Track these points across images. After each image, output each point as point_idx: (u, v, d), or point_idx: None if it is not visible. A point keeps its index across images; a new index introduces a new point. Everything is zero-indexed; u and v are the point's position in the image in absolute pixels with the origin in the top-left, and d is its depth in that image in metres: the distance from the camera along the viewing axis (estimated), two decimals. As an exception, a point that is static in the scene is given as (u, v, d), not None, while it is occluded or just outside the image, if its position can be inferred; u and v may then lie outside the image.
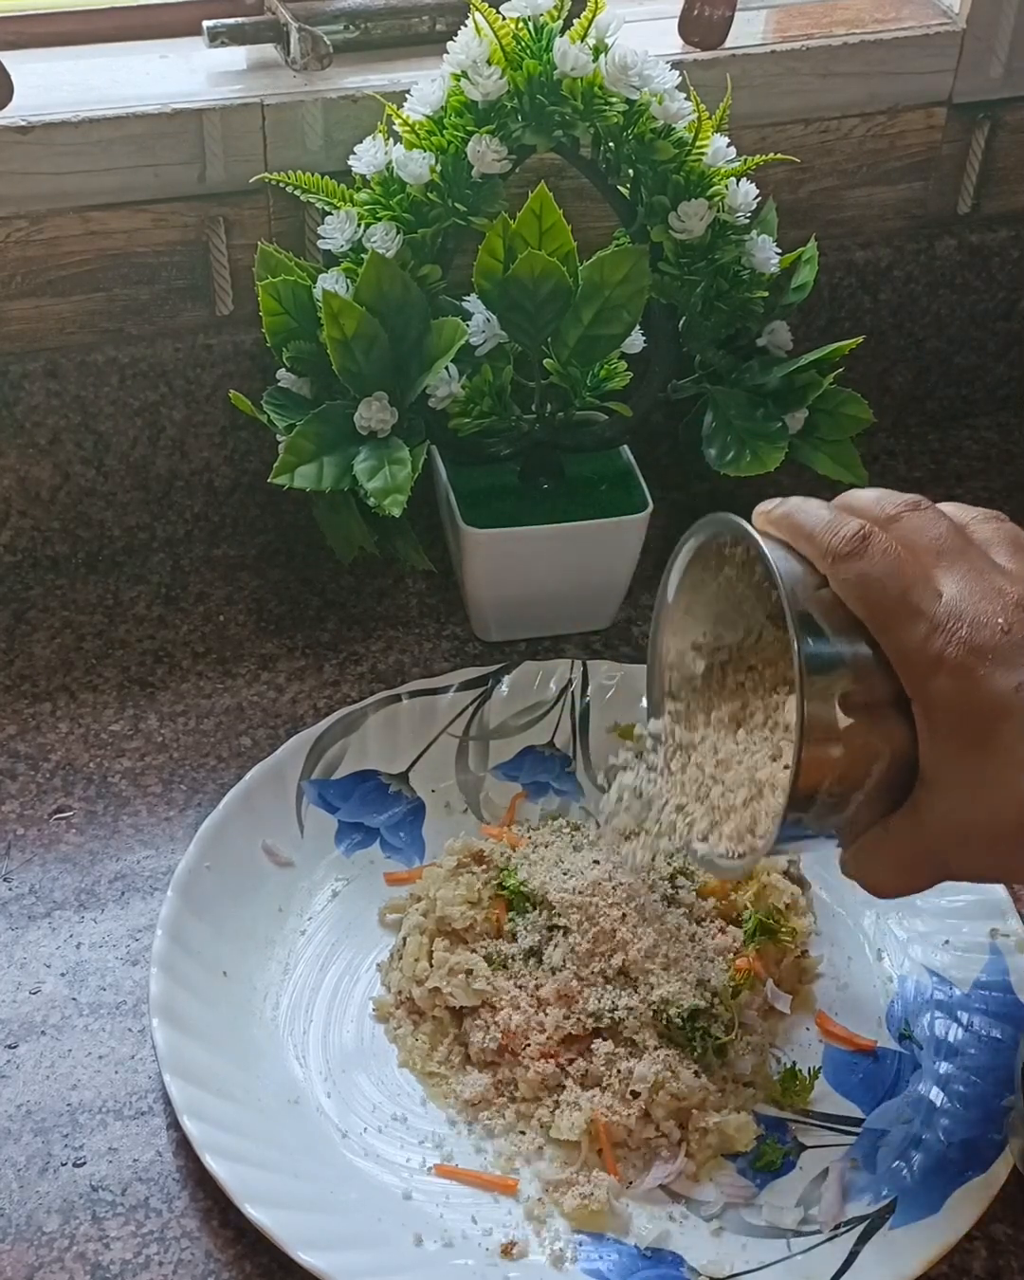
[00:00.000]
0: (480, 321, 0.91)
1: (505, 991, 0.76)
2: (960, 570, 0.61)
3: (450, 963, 0.77)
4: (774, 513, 0.64)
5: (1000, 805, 0.59)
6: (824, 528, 0.62)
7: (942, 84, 1.04)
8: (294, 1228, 0.68)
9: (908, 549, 0.61)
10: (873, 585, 0.60)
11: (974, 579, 0.60)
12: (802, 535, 0.63)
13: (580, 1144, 0.73)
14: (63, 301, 0.96)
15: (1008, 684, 0.58)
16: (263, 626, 0.99)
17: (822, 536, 0.62)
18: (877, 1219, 0.71)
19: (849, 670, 0.60)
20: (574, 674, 0.92)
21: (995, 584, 0.60)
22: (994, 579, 0.61)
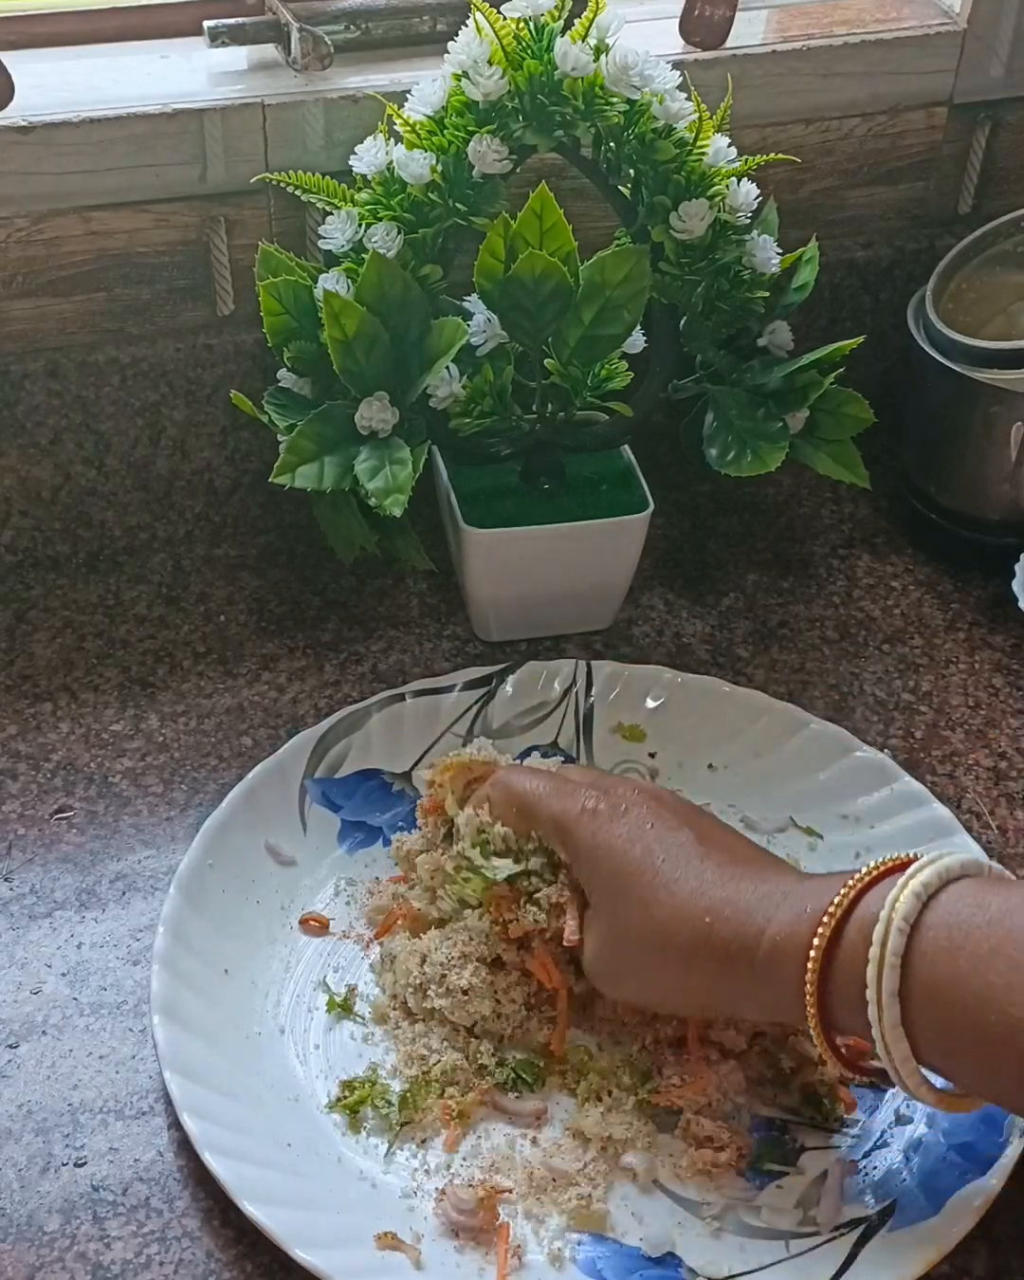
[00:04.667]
0: (481, 321, 0.91)
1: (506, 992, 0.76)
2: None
3: (448, 982, 0.76)
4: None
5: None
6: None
7: (942, 84, 1.04)
8: (293, 1226, 0.68)
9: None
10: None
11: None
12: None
13: (580, 1142, 0.73)
14: (64, 301, 0.96)
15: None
16: (263, 626, 0.99)
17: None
18: (876, 1221, 0.70)
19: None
20: (578, 674, 0.92)
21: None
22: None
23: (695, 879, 0.71)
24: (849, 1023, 0.66)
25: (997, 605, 1.02)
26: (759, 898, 0.69)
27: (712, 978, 0.70)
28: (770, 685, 0.96)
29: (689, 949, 0.70)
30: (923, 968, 0.63)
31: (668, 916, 0.70)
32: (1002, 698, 0.97)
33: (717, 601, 1.02)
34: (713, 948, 0.69)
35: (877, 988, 0.63)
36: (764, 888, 0.70)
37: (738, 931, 0.68)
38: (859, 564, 1.06)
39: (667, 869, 0.71)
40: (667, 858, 0.72)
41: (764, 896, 0.69)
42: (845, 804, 0.88)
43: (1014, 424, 0.97)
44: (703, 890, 0.70)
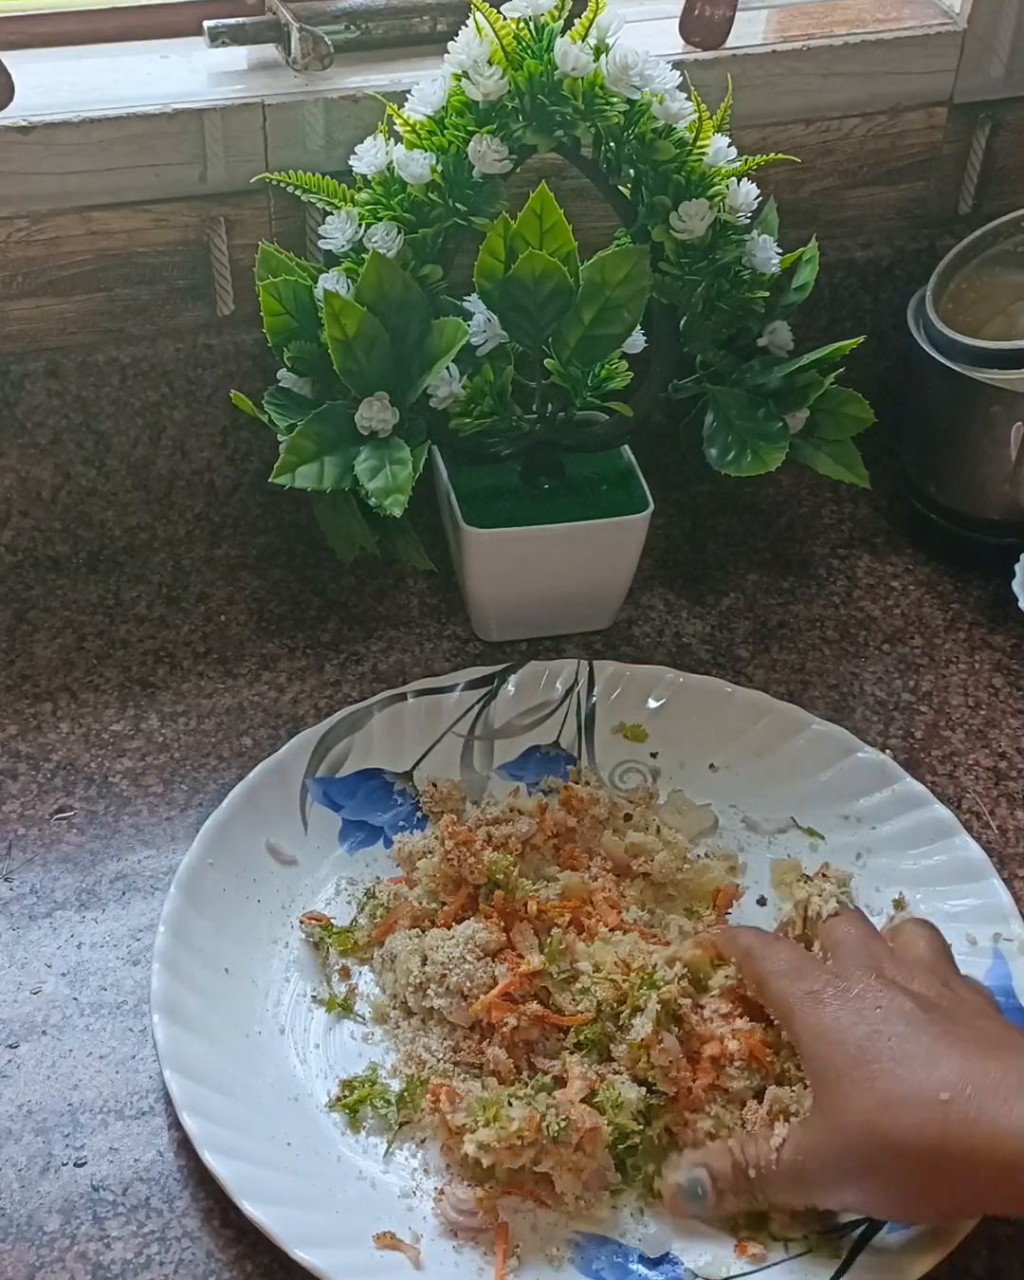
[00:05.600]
0: (481, 321, 0.91)
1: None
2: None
3: (447, 982, 0.76)
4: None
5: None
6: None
7: (943, 84, 1.04)
8: (293, 1225, 0.68)
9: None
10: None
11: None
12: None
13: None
14: (64, 301, 0.96)
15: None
16: (264, 626, 0.99)
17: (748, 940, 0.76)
18: (875, 1222, 0.70)
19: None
20: (580, 674, 0.92)
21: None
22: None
23: (927, 1054, 0.64)
24: None
25: (997, 605, 1.02)
26: (1002, 1076, 0.62)
27: (951, 1172, 0.63)
28: (771, 685, 0.96)
29: (918, 1131, 0.63)
30: None
31: (899, 1095, 0.64)
32: (1002, 698, 0.97)
33: (717, 601, 1.02)
34: (948, 1129, 0.62)
35: None
36: (1013, 1073, 0.63)
37: (981, 1110, 0.61)
38: (859, 564, 1.06)
39: (894, 1046, 0.65)
40: (895, 1036, 0.65)
41: (1014, 1081, 0.62)
42: (847, 805, 0.88)
43: (1014, 424, 0.97)
44: (935, 1063, 0.64)
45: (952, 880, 0.84)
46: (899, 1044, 0.65)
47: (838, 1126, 0.66)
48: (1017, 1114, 0.61)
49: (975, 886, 0.83)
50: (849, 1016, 0.67)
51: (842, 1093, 0.66)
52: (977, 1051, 0.64)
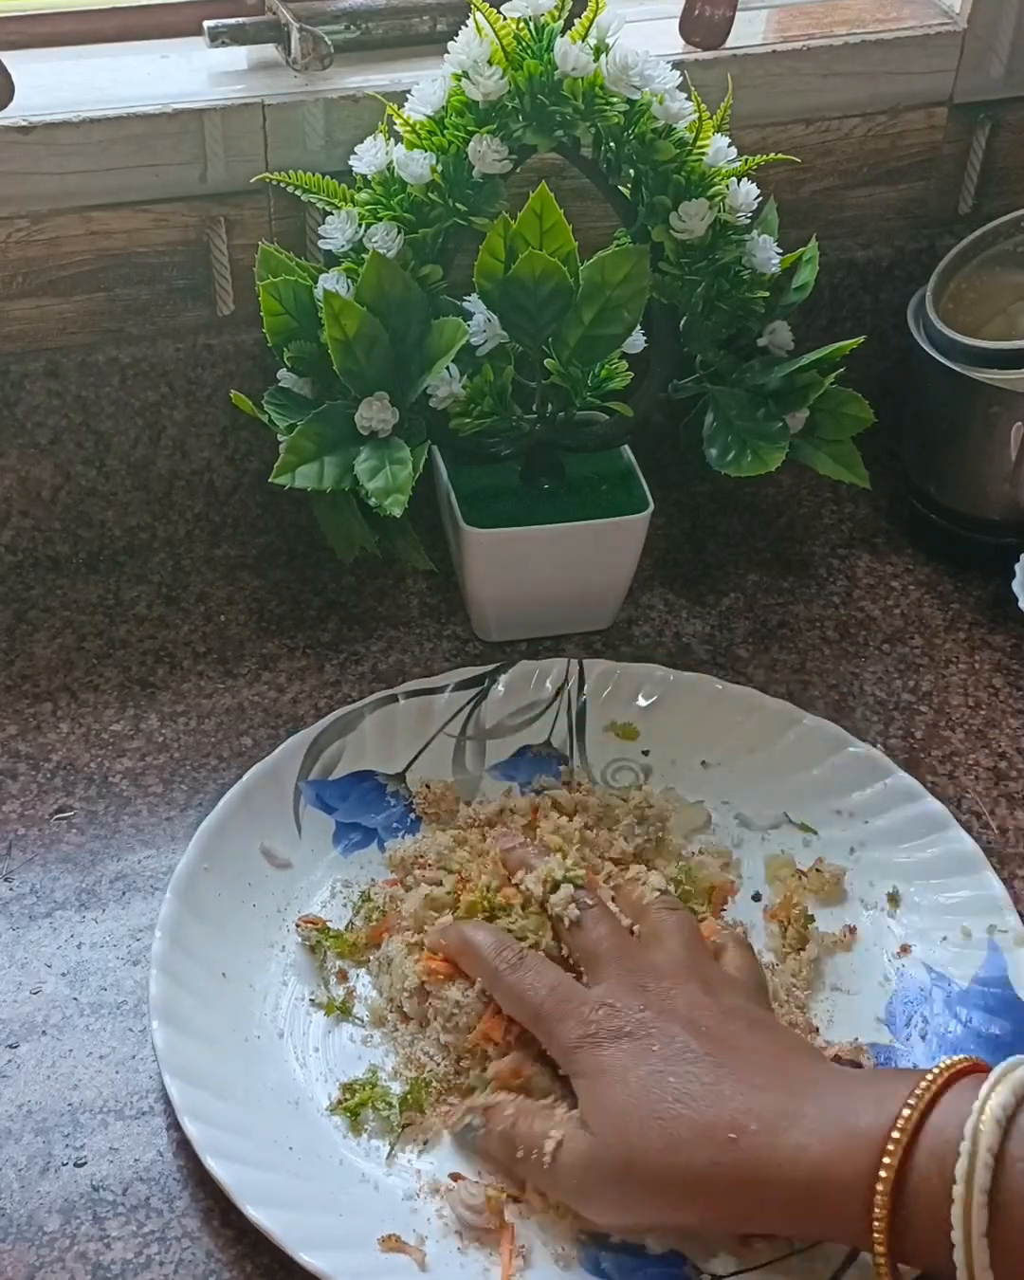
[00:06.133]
0: (481, 321, 0.91)
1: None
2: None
3: (442, 1000, 0.76)
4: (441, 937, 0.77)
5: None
6: (492, 946, 0.74)
7: (943, 84, 1.04)
8: (297, 1229, 0.68)
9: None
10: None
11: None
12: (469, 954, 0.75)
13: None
14: (64, 301, 0.96)
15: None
16: (263, 626, 0.99)
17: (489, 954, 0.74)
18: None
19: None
20: (570, 673, 0.92)
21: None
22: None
23: (712, 1091, 0.65)
24: (921, 1256, 0.61)
25: (997, 605, 1.02)
26: (792, 1110, 0.63)
27: (739, 1200, 0.64)
28: (770, 685, 0.96)
29: (710, 1169, 0.64)
30: (1014, 1204, 0.58)
31: (683, 1134, 0.64)
32: (1002, 698, 0.97)
33: (717, 601, 1.02)
34: (738, 1166, 0.63)
35: (965, 1229, 0.58)
36: (796, 1100, 0.64)
37: (768, 1147, 0.63)
38: (859, 564, 1.06)
39: (677, 1086, 0.66)
40: (676, 1075, 0.66)
41: (797, 1110, 0.63)
42: (839, 799, 0.88)
43: (1014, 424, 0.97)
44: (722, 1100, 0.65)
45: (945, 873, 0.84)
46: (682, 1084, 0.66)
47: (624, 1160, 0.66)
48: (794, 1143, 0.62)
49: (969, 879, 0.83)
50: (626, 1058, 0.67)
51: (626, 1129, 0.66)
52: (756, 1083, 0.65)
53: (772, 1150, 0.63)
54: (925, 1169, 0.60)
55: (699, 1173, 0.64)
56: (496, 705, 0.91)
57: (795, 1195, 0.63)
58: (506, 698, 0.92)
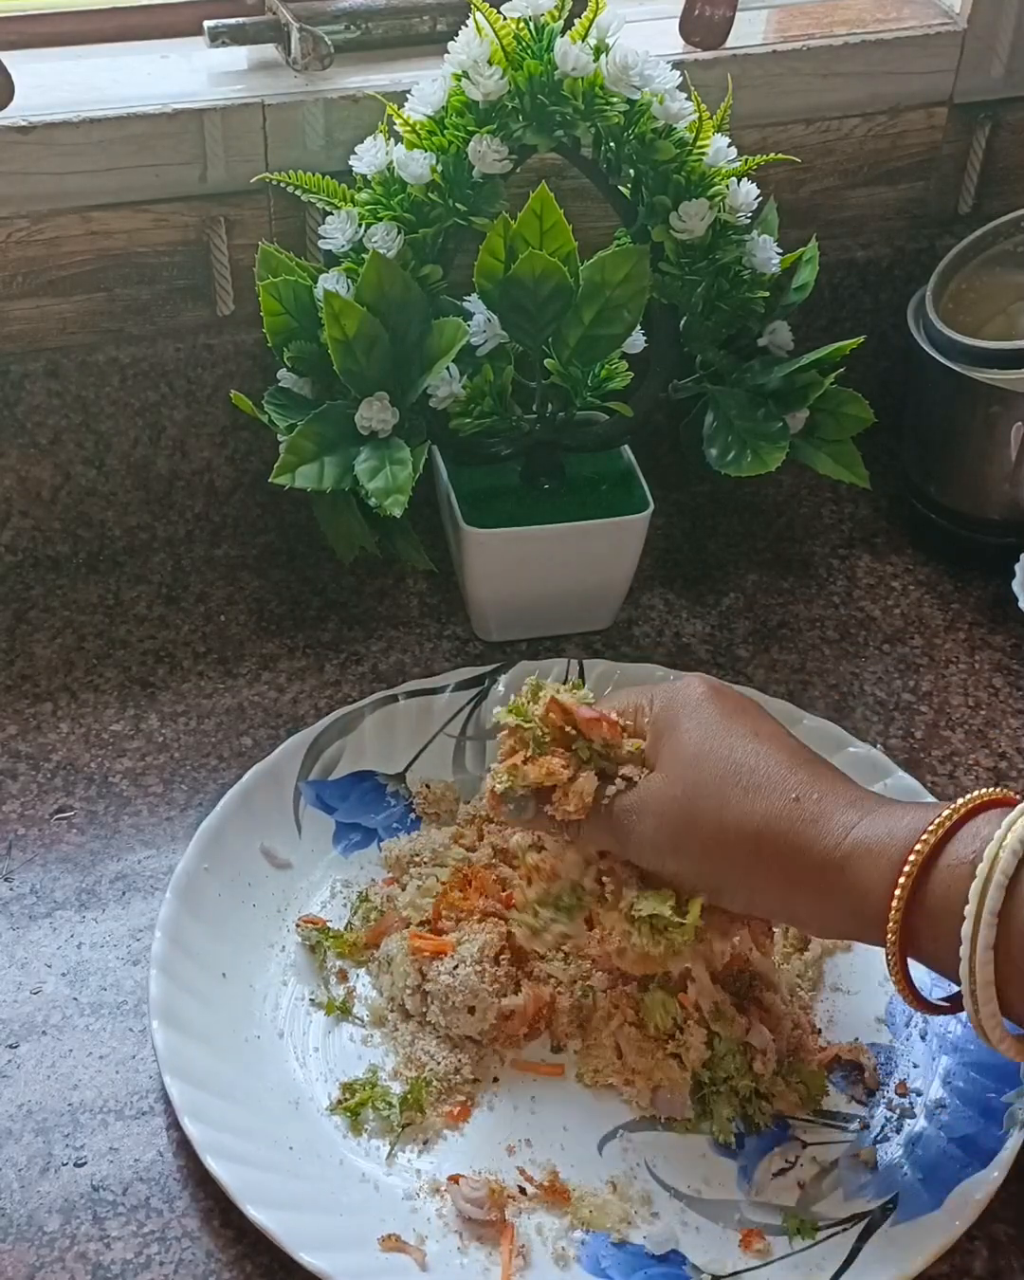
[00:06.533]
0: (481, 321, 0.91)
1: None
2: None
3: (439, 988, 0.76)
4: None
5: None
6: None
7: (943, 84, 1.04)
8: (297, 1229, 0.68)
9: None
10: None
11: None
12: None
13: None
14: (64, 301, 0.96)
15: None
16: (264, 626, 0.99)
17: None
18: (878, 1216, 0.71)
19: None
20: (570, 673, 0.92)
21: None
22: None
23: (788, 757, 0.69)
24: (930, 953, 0.64)
25: (997, 605, 1.02)
26: (853, 797, 0.67)
27: (781, 861, 0.67)
28: (770, 685, 0.96)
29: (767, 821, 0.67)
30: (1020, 926, 0.61)
31: (754, 781, 0.68)
32: (1002, 698, 0.97)
33: (717, 601, 1.02)
34: (793, 827, 0.67)
35: (971, 943, 0.61)
36: (852, 791, 0.68)
37: (822, 817, 0.66)
38: (859, 564, 1.06)
39: (759, 741, 0.70)
40: (759, 733, 0.71)
41: (857, 799, 0.67)
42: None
43: (1014, 424, 0.97)
44: (795, 766, 0.69)
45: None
46: (758, 747, 0.70)
47: (688, 799, 0.69)
48: (846, 820, 0.66)
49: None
50: (702, 725, 0.71)
51: (700, 769, 0.69)
52: (820, 772, 0.69)
53: (824, 820, 0.67)
54: (945, 881, 0.63)
55: (757, 825, 0.67)
56: (497, 705, 0.91)
57: (831, 870, 0.66)
58: (507, 698, 0.92)
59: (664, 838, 0.70)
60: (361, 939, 0.81)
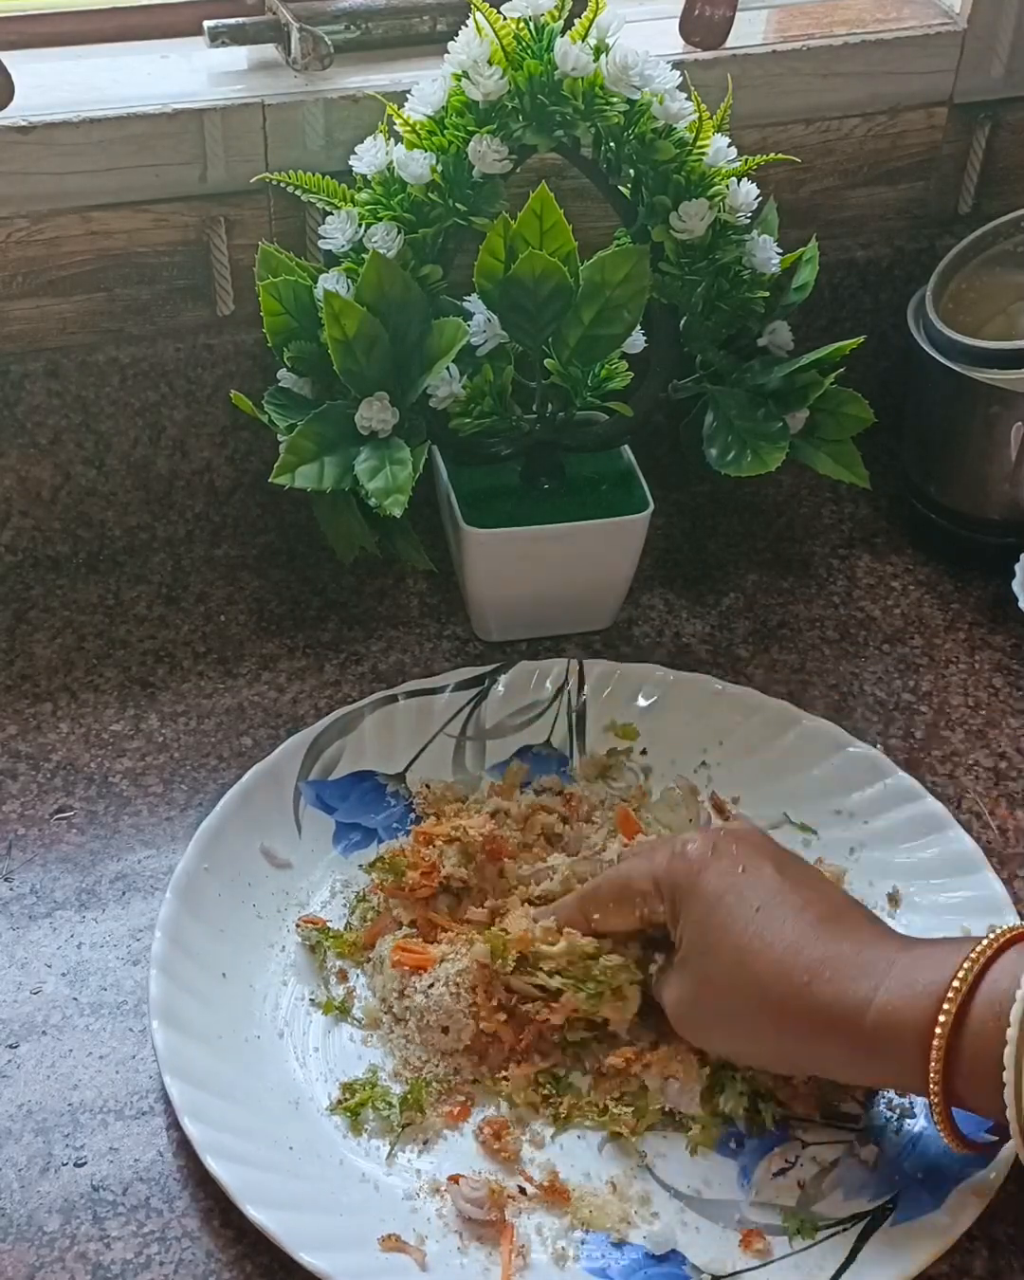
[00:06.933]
0: (481, 321, 0.91)
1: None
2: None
3: (415, 1005, 0.76)
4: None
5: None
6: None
7: (943, 84, 1.04)
8: (297, 1229, 0.68)
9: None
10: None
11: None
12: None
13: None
14: (64, 301, 0.96)
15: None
16: (264, 626, 0.99)
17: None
18: (878, 1216, 0.71)
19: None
20: (570, 673, 0.92)
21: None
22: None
23: (793, 932, 0.69)
24: (974, 1100, 0.65)
25: (997, 605, 1.02)
26: (864, 962, 0.67)
27: (806, 1039, 0.68)
28: (770, 685, 0.96)
29: (783, 1006, 0.68)
30: None
31: (763, 970, 0.69)
32: (1002, 698, 0.97)
33: (717, 601, 1.02)
34: (811, 1009, 0.67)
35: (1016, 1070, 0.61)
36: (868, 953, 0.68)
37: (839, 995, 0.67)
38: (859, 564, 1.06)
39: (761, 919, 0.70)
40: (762, 905, 0.70)
41: (869, 962, 0.67)
42: (839, 800, 0.88)
43: (1014, 424, 0.97)
44: (801, 946, 0.68)
45: (945, 873, 0.84)
46: (766, 919, 0.70)
47: (706, 981, 0.71)
48: (863, 993, 0.66)
49: (969, 879, 0.83)
50: (715, 877, 0.72)
51: (712, 953, 0.71)
52: (834, 933, 0.69)
53: (842, 997, 0.67)
54: (982, 1019, 0.63)
55: (775, 1004, 0.69)
56: (496, 705, 0.91)
57: (861, 1039, 0.67)
58: (506, 698, 0.92)
59: (691, 1028, 0.73)
60: (361, 939, 0.81)
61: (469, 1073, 0.76)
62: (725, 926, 0.70)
